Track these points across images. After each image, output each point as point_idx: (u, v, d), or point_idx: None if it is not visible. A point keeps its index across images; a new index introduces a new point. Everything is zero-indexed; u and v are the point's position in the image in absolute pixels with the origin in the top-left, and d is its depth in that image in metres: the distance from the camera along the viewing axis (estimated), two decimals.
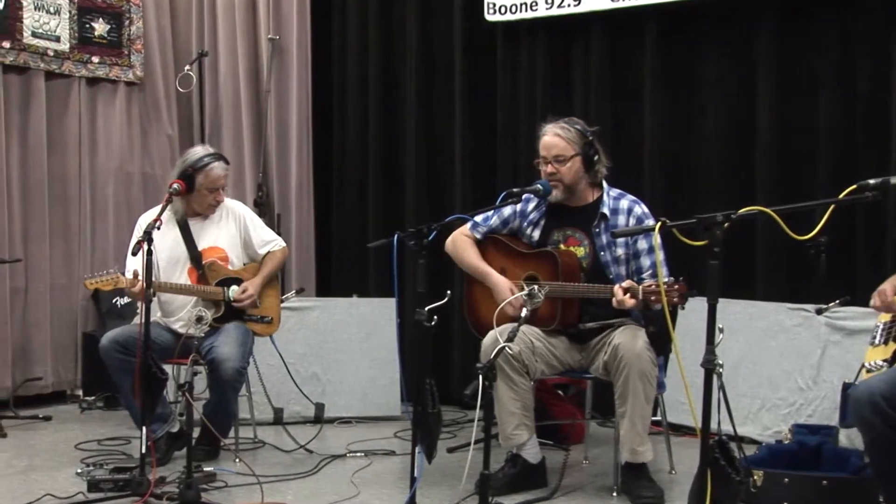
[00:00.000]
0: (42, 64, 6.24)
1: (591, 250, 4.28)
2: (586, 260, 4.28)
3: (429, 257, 3.73)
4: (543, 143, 4.30)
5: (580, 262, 4.27)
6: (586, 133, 4.29)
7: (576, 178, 4.27)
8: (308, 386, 5.66)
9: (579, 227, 4.31)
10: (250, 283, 4.85)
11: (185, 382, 4.01)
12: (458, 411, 5.87)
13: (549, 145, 4.28)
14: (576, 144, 4.25)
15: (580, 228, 4.30)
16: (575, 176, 4.27)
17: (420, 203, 6.50)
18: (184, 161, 4.83)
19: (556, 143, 4.26)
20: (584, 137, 4.27)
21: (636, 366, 3.96)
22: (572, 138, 4.25)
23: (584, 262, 4.27)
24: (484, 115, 6.33)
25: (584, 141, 4.26)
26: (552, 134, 4.28)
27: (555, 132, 4.27)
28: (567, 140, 4.25)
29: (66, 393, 6.45)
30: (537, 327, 4.21)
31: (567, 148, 4.25)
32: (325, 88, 7.01)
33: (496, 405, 4.06)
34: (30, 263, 6.21)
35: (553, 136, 4.27)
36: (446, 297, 3.74)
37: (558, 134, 4.26)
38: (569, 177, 4.26)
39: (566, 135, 4.26)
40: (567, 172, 4.25)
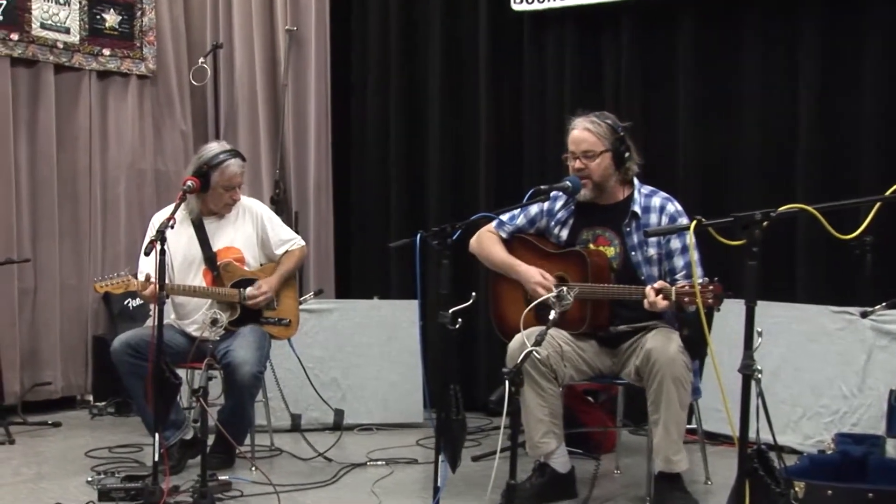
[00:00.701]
0: (51, 57, 6.28)
1: (622, 250, 4.26)
2: (616, 260, 4.26)
3: (453, 257, 3.72)
4: (572, 138, 4.29)
5: (610, 263, 4.26)
6: (617, 128, 4.27)
7: (605, 175, 4.26)
8: (327, 391, 5.67)
9: (609, 226, 4.29)
10: (265, 282, 4.86)
11: (199, 387, 4.02)
12: (484, 418, 5.87)
13: (578, 140, 4.27)
14: (606, 140, 4.24)
15: (610, 227, 4.29)
16: (604, 173, 4.25)
17: (443, 201, 6.51)
18: (198, 158, 4.85)
19: (585, 137, 4.25)
20: (615, 133, 4.25)
21: (670, 370, 3.94)
22: (602, 133, 4.24)
23: (615, 262, 4.26)
24: (510, 109, 6.33)
25: (615, 136, 4.25)
26: (581, 128, 4.27)
27: (584, 126, 4.26)
28: (597, 135, 4.24)
29: (75, 398, 6.49)
30: (566, 330, 4.20)
31: (597, 143, 4.24)
32: (345, 81, 7.02)
33: (523, 412, 4.05)
34: (38, 264, 6.26)
35: (582, 130, 4.26)
36: (471, 299, 3.73)
37: (588, 128, 4.25)
38: (598, 173, 4.24)
39: (596, 129, 4.24)
40: (596, 169, 4.24)
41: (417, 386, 5.83)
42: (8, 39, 6.06)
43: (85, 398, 6.48)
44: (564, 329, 4.19)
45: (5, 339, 5.90)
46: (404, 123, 6.75)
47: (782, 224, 3.39)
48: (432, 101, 6.58)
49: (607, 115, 4.33)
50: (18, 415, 5.87)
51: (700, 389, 4.25)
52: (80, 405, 6.44)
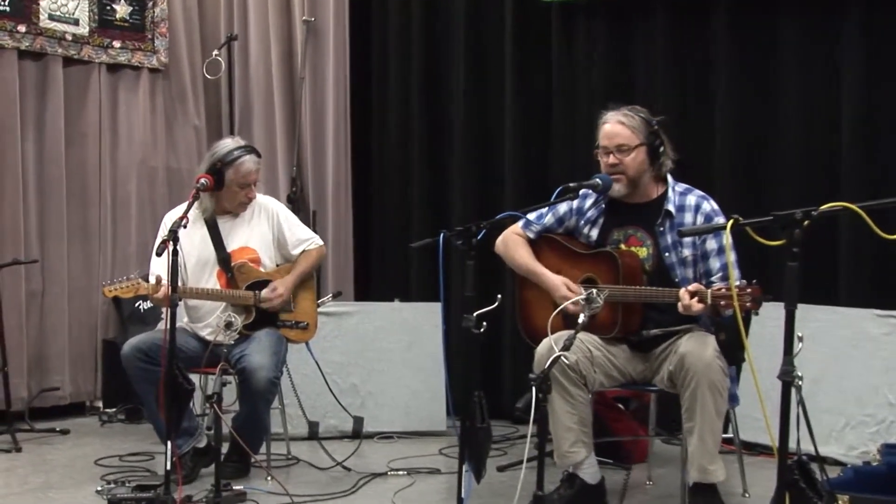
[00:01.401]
0: (59, 49, 6.31)
1: (655, 251, 4.25)
2: (649, 262, 4.25)
3: (477, 258, 3.72)
4: (605, 132, 4.28)
5: (642, 264, 4.24)
6: (651, 121, 4.26)
7: (640, 170, 4.24)
8: (346, 398, 5.67)
9: (642, 225, 4.28)
10: (280, 283, 4.86)
11: (213, 394, 4.03)
12: (510, 426, 5.88)
13: (611, 134, 4.26)
14: (640, 133, 4.23)
15: (643, 227, 4.28)
16: (639, 168, 4.24)
17: (468, 199, 6.51)
18: (212, 154, 4.86)
19: (619, 131, 4.24)
20: (650, 126, 4.24)
21: (705, 376, 3.93)
22: (637, 126, 4.23)
23: (647, 263, 4.24)
24: (537, 104, 6.32)
25: (650, 130, 4.24)
26: (615, 122, 4.26)
27: (618, 120, 4.25)
28: (631, 128, 4.23)
29: (85, 404, 6.52)
30: (596, 335, 4.19)
31: (631, 137, 4.22)
32: (365, 74, 7.03)
33: (551, 420, 4.05)
34: (46, 265, 6.29)
35: (616, 123, 4.25)
36: (497, 302, 3.73)
37: (622, 122, 4.24)
38: (633, 169, 4.23)
39: (630, 122, 4.23)
40: (631, 164, 4.23)
41: (440, 392, 5.83)
42: (15, 31, 6.10)
43: (94, 404, 6.51)
44: (594, 333, 4.18)
45: (12, 342, 5.91)
46: (427, 118, 6.76)
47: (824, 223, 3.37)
48: (456, 94, 6.58)
49: (640, 109, 4.31)
50: (25, 421, 5.89)
51: (737, 396, 4.23)
52: (89, 412, 6.47)
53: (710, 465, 3.99)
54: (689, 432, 4.01)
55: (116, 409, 6.24)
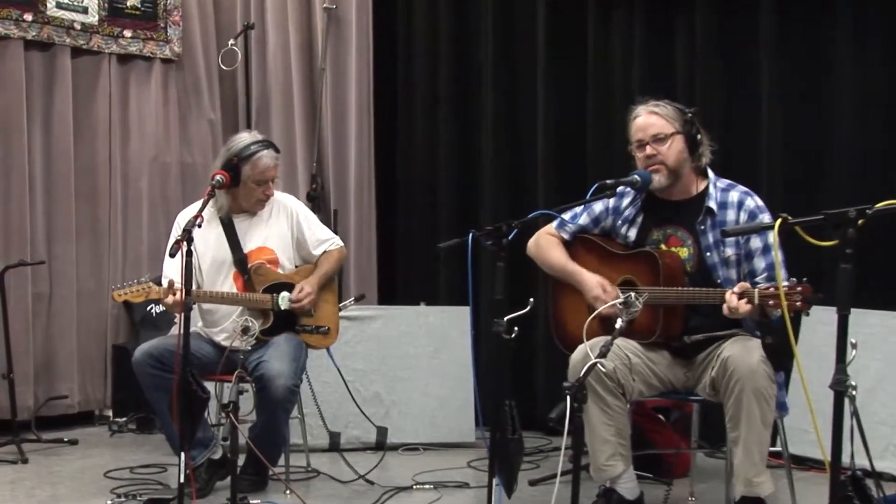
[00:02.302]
0: (68, 39, 6.35)
1: (696, 251, 4.24)
2: (690, 262, 4.24)
3: (508, 259, 3.72)
4: (637, 125, 4.29)
5: (684, 265, 4.23)
6: (685, 111, 4.28)
7: (679, 159, 4.25)
8: (369, 407, 5.68)
9: (682, 224, 4.27)
10: (307, 283, 4.87)
11: (229, 402, 4.04)
12: (542, 438, 5.87)
13: (644, 125, 4.28)
14: (676, 122, 4.25)
15: (683, 226, 4.27)
16: (678, 157, 4.24)
17: (498, 197, 6.50)
18: (228, 149, 4.87)
19: (653, 121, 4.26)
20: (683, 114, 4.26)
21: (750, 382, 3.91)
22: (670, 115, 4.26)
23: (688, 264, 4.23)
24: (572, 96, 6.30)
25: (684, 118, 4.25)
26: (647, 113, 4.29)
27: (649, 111, 4.29)
28: (665, 117, 4.25)
29: (94, 413, 6.57)
30: (635, 340, 4.18)
31: (666, 125, 4.24)
32: (389, 65, 7.04)
33: (587, 431, 4.04)
34: (54, 266, 6.33)
35: (648, 114, 4.28)
36: (529, 306, 3.72)
37: (654, 112, 4.28)
38: (672, 158, 4.23)
39: (663, 112, 4.27)
40: (669, 153, 4.23)
41: (469, 402, 5.83)
42: (21, 20, 6.13)
43: (104, 413, 6.55)
44: (633, 338, 4.17)
45: (18, 348, 5.95)
46: (455, 111, 6.76)
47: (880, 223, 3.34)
48: (485, 86, 6.57)
49: (670, 101, 4.33)
50: (32, 431, 5.93)
51: (786, 405, 4.20)
52: (98, 421, 6.51)
53: (757, 477, 3.97)
54: (733, 443, 3.99)
55: (127, 419, 6.27)
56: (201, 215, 4.21)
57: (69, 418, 6.36)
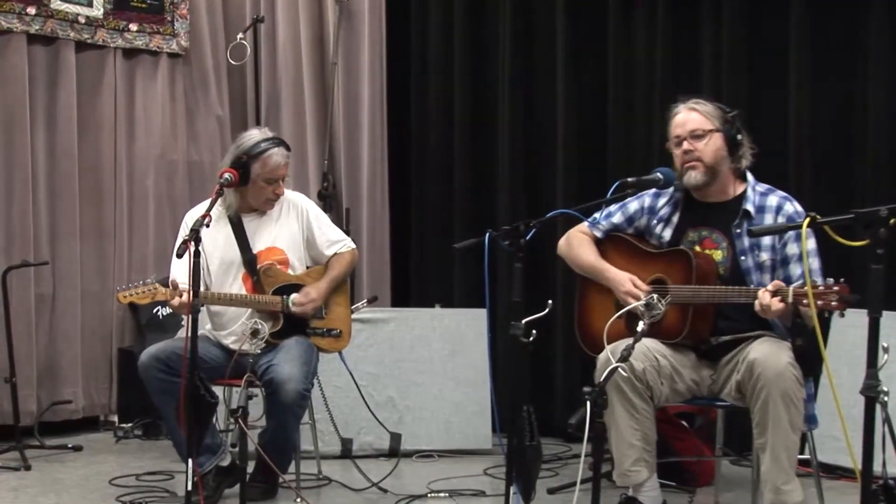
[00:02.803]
0: (72, 33, 6.36)
1: (731, 254, 4.24)
2: (724, 265, 4.24)
3: (527, 260, 3.72)
4: (676, 122, 4.34)
5: (717, 268, 4.23)
6: (726, 110, 4.30)
7: (717, 157, 4.26)
8: (382, 412, 5.68)
9: (718, 226, 4.28)
10: (313, 288, 4.87)
11: (238, 407, 4.04)
12: (562, 444, 5.85)
13: (682, 121, 4.32)
14: (715, 119, 4.28)
15: (718, 228, 4.28)
16: (716, 155, 4.26)
17: (516, 196, 6.50)
18: (237, 147, 4.87)
19: (691, 117, 4.30)
20: (724, 113, 4.28)
21: (777, 385, 3.90)
22: (710, 112, 4.30)
23: (722, 267, 4.23)
24: (592, 92, 6.29)
25: (724, 117, 4.27)
26: (686, 110, 4.34)
27: (689, 107, 4.33)
28: (704, 114, 4.29)
29: (99, 419, 6.57)
30: (660, 339, 4.16)
31: (704, 122, 4.27)
32: (403, 59, 7.04)
33: (612, 435, 4.06)
34: (58, 267, 6.34)
35: (687, 111, 4.33)
36: (547, 308, 3.72)
37: (693, 108, 4.32)
38: (709, 155, 4.25)
39: (703, 109, 4.31)
40: (706, 150, 4.25)
41: (485, 407, 5.83)
42: (24, 14, 6.15)
43: (109, 419, 6.55)
44: (659, 337, 4.15)
45: (20, 351, 5.95)
46: (470, 107, 6.76)
47: None
48: (502, 81, 6.57)
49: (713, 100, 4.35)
50: (35, 437, 5.95)
51: (815, 417, 4.17)
52: (103, 427, 6.52)
53: (786, 485, 3.95)
54: (760, 449, 3.98)
55: (133, 424, 6.27)
56: (209, 214, 4.21)
57: (73, 424, 6.37)
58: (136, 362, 4.76)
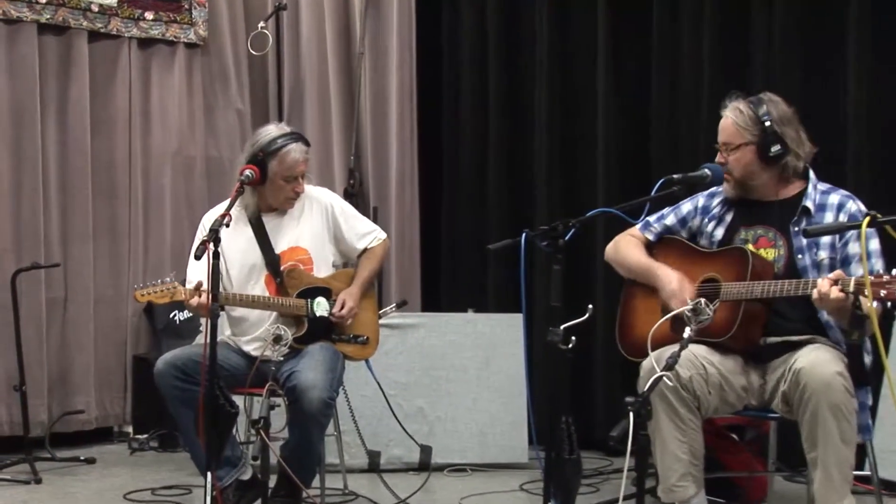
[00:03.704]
0: (84, 22, 6.39)
1: (787, 252, 4.21)
2: (779, 264, 4.21)
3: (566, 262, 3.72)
4: (720, 125, 4.34)
5: (773, 267, 4.21)
6: (764, 118, 4.24)
7: (746, 172, 4.27)
8: (412, 424, 5.69)
9: (774, 225, 4.26)
10: (347, 294, 4.87)
11: (259, 418, 4.05)
12: (603, 458, 5.85)
13: (721, 129, 4.34)
14: (747, 132, 4.23)
15: (775, 227, 4.26)
16: (745, 170, 4.26)
17: (553, 194, 6.49)
18: (252, 143, 4.87)
19: (725, 126, 4.31)
20: (760, 123, 4.23)
21: (825, 396, 3.87)
22: (744, 124, 4.24)
23: (777, 266, 4.21)
24: (634, 85, 6.28)
25: (760, 127, 4.22)
26: (726, 115, 4.32)
27: (728, 114, 4.31)
28: (737, 125, 4.25)
29: (112, 430, 6.61)
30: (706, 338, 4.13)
31: (736, 135, 4.26)
32: (434, 49, 7.05)
33: (657, 448, 4.05)
34: (70, 269, 6.38)
35: (726, 117, 4.32)
36: (588, 313, 3.72)
37: (730, 116, 4.29)
38: (738, 170, 4.27)
39: (738, 119, 4.26)
40: (735, 164, 4.27)
41: (522, 418, 5.83)
42: (34, 2, 6.19)
43: (123, 430, 6.59)
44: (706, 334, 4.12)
45: (31, 358, 6.00)
46: (505, 99, 6.75)
47: None
48: (539, 72, 6.55)
49: (765, 101, 4.28)
50: (46, 449, 5.99)
51: (870, 427, 4.15)
52: (117, 438, 6.56)
53: (839, 502, 3.94)
54: (812, 464, 3.95)
55: (148, 436, 6.30)
56: (229, 214, 4.22)
57: (86, 435, 6.41)
58: (151, 370, 4.75)
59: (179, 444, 6.00)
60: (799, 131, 4.29)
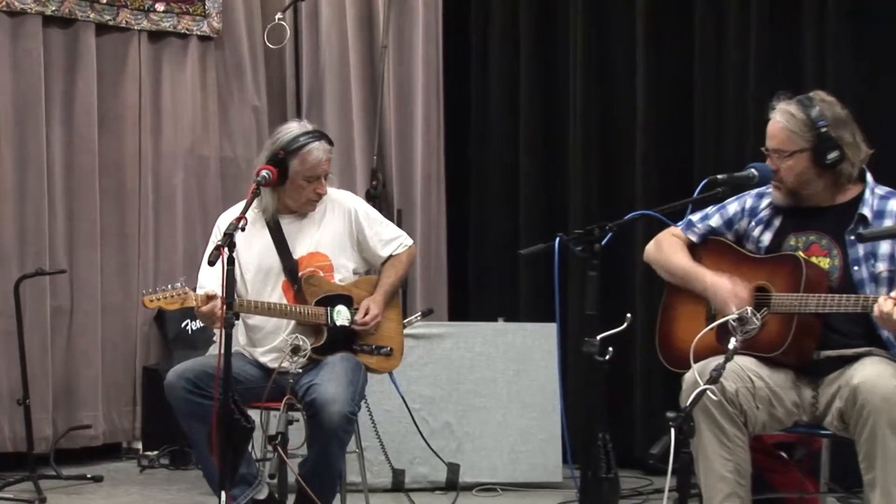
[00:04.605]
0: (92, 14, 6.42)
1: (841, 263, 4.17)
2: (835, 275, 4.18)
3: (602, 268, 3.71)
4: (767, 129, 4.25)
5: (828, 277, 4.17)
6: (819, 122, 4.18)
7: (801, 180, 4.20)
8: (438, 440, 5.69)
9: (828, 231, 4.21)
10: (371, 302, 4.88)
11: (276, 433, 4.06)
12: (642, 477, 5.85)
13: (770, 133, 4.23)
14: (801, 137, 4.16)
15: (829, 234, 4.21)
16: (799, 179, 4.20)
17: (589, 196, 6.49)
18: (273, 142, 4.88)
19: (775, 132, 4.21)
20: (814, 128, 4.17)
21: (886, 414, 3.85)
22: (797, 129, 4.15)
23: (832, 276, 4.17)
24: (676, 79, 6.27)
25: (814, 132, 4.16)
26: (776, 119, 4.21)
27: (777, 118, 4.21)
28: (790, 131, 4.16)
29: (121, 446, 6.63)
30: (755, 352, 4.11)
31: (787, 141, 4.17)
32: (462, 42, 7.05)
33: (700, 466, 4.03)
34: (76, 276, 6.41)
35: (775, 122, 4.22)
36: (626, 322, 3.70)
37: (780, 121, 4.19)
38: (791, 179, 4.19)
39: (790, 123, 4.16)
40: (787, 173, 4.19)
41: (555, 434, 5.83)
42: None
43: (132, 446, 6.61)
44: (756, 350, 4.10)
45: (35, 370, 6.01)
46: (538, 95, 6.75)
47: None
48: (574, 66, 6.54)
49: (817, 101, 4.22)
50: (51, 466, 5.99)
51: None
52: (126, 455, 6.58)
53: None
54: (869, 486, 3.93)
55: (159, 452, 6.32)
56: (245, 217, 4.23)
57: (93, 451, 6.44)
58: (162, 382, 4.78)
59: (192, 461, 6.02)
60: (855, 134, 4.21)
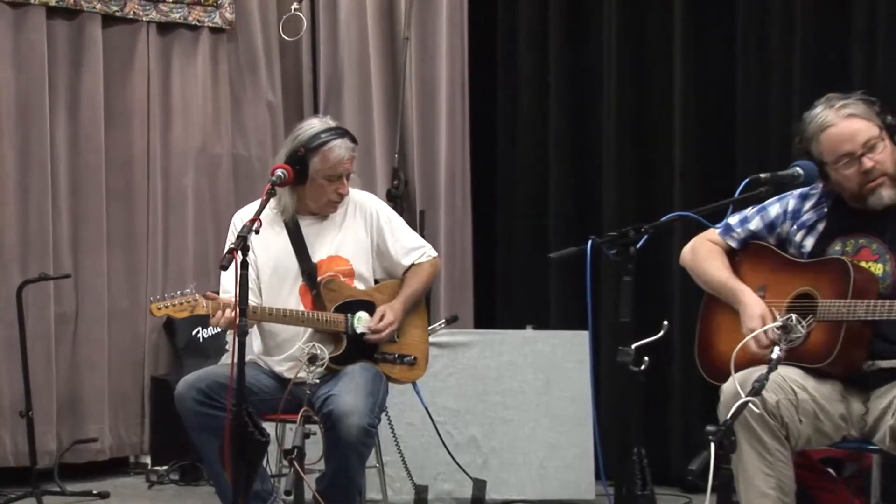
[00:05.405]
0: (98, 5, 6.45)
1: (894, 269, 4.16)
2: (887, 281, 4.16)
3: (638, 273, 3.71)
4: (839, 136, 4.13)
5: (878, 284, 4.16)
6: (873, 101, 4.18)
7: None
8: (464, 455, 5.70)
9: (879, 235, 4.19)
10: (389, 308, 4.87)
11: (292, 447, 4.07)
12: (680, 495, 5.85)
13: (849, 134, 4.13)
14: (873, 122, 4.14)
15: (879, 237, 4.19)
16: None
17: (623, 197, 6.48)
18: (294, 139, 4.88)
19: (858, 126, 4.13)
20: (874, 107, 4.16)
21: None
22: (868, 113, 4.13)
23: (882, 284, 4.16)
24: (717, 73, 6.27)
25: (882, 117, 4.15)
26: (844, 118, 4.14)
27: (846, 115, 4.14)
28: (866, 118, 4.13)
29: (128, 460, 6.66)
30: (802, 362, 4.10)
31: (871, 127, 4.12)
32: (488, 35, 7.06)
33: (740, 483, 4.01)
34: (81, 281, 6.43)
35: (847, 119, 4.13)
36: (663, 330, 3.71)
37: (853, 114, 4.13)
38: (891, 164, 4.14)
39: (860, 111, 4.12)
40: (886, 160, 4.12)
41: (587, 449, 5.82)
42: None
43: (141, 460, 6.63)
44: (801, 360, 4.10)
45: (38, 380, 6.04)
46: (569, 90, 6.75)
47: None
48: (606, 60, 6.55)
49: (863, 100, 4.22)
50: (55, 482, 6.02)
51: None
52: (134, 470, 6.61)
53: None
54: None
55: (168, 467, 6.34)
56: (259, 219, 4.22)
57: (99, 466, 6.46)
58: (171, 393, 4.78)
59: (203, 476, 6.03)
60: None
